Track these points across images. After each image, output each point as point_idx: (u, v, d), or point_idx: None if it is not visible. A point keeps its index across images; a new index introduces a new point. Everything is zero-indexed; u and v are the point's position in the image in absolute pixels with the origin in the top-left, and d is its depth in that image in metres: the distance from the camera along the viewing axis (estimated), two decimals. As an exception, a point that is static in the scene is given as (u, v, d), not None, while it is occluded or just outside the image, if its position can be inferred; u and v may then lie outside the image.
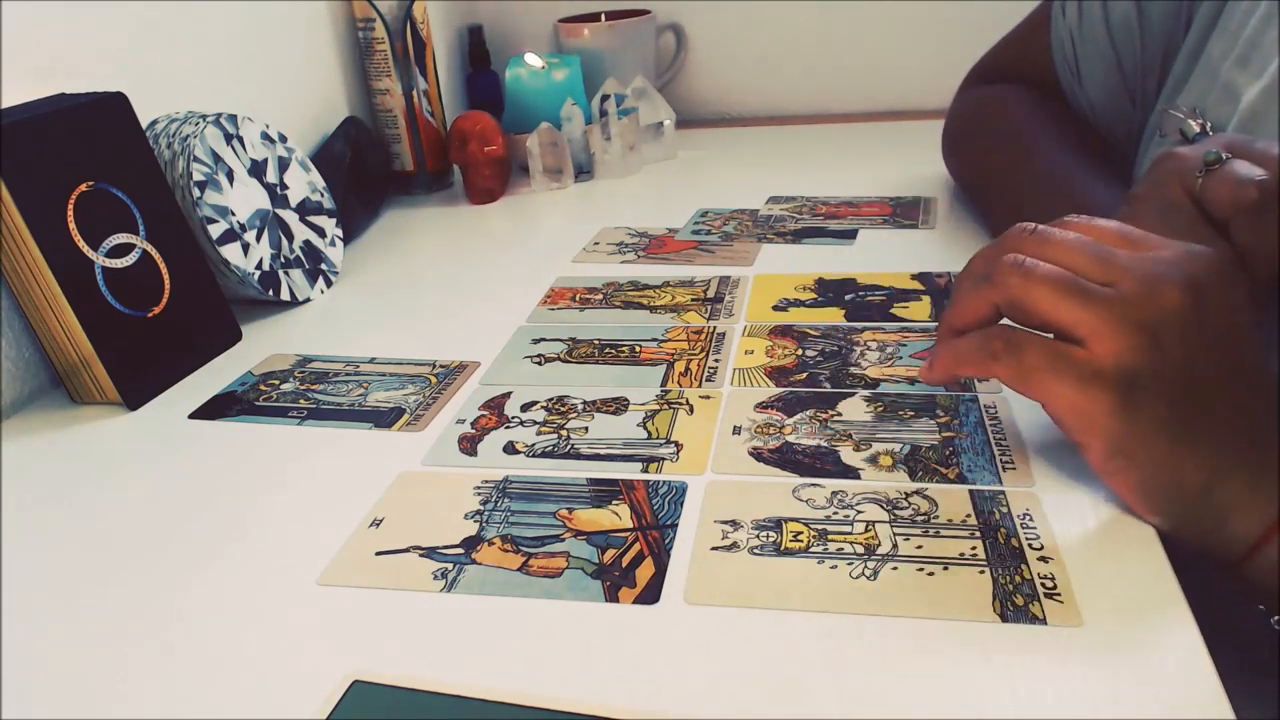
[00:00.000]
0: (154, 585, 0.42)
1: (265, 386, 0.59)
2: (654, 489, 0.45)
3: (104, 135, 0.59)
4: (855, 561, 0.39)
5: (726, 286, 0.68)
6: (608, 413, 0.53)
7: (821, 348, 0.57)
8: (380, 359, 0.62)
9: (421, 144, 0.96)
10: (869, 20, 1.13)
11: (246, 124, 0.70)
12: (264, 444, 0.53)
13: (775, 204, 0.85)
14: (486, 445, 0.50)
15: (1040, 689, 0.32)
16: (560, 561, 0.41)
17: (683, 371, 0.56)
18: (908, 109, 1.15)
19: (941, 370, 0.42)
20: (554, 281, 0.72)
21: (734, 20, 1.16)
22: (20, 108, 0.57)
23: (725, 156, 1.04)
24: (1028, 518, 0.41)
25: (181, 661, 0.37)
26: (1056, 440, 0.46)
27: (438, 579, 0.40)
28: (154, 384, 0.60)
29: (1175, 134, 0.49)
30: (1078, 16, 0.66)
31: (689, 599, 0.38)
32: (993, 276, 0.39)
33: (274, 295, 0.69)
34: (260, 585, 0.41)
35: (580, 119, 0.96)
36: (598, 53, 1.07)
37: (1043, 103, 0.70)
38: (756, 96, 1.20)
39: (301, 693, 0.35)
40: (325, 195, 0.77)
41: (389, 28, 0.91)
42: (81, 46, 0.65)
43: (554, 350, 0.60)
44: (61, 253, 0.55)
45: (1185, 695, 0.32)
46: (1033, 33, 0.72)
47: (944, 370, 0.42)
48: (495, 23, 1.20)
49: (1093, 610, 0.35)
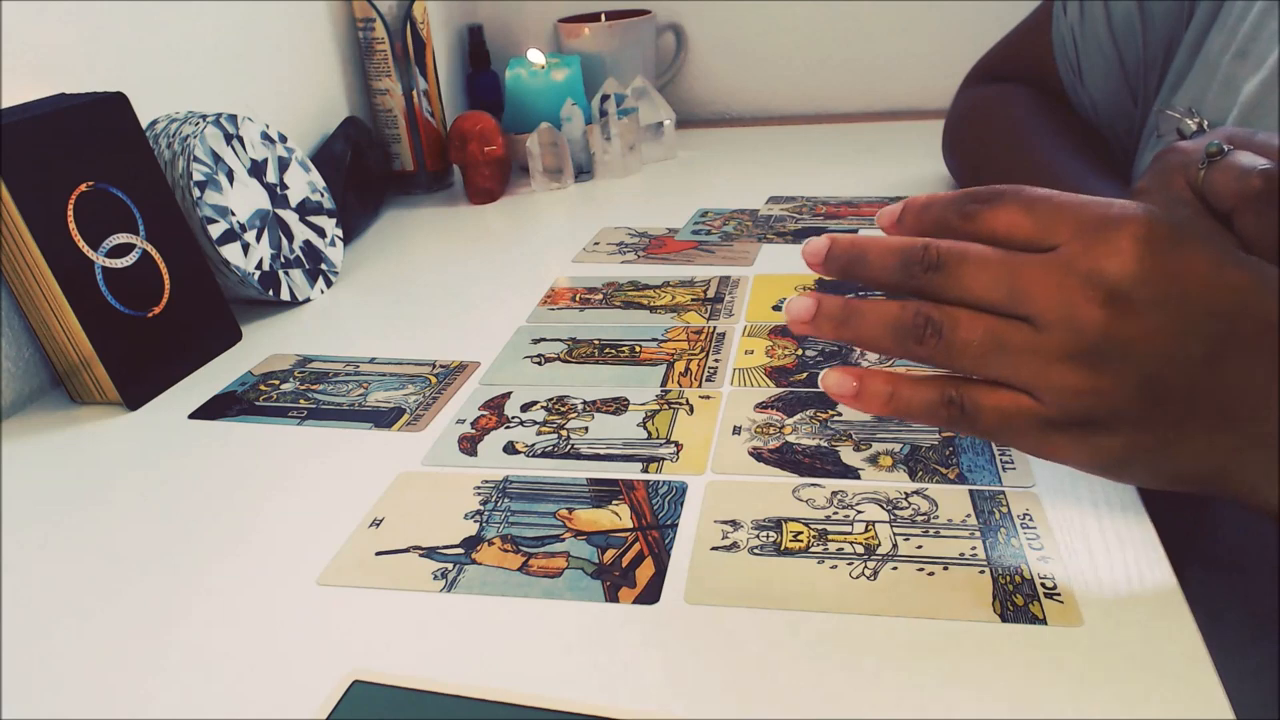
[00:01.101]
0: (154, 585, 0.42)
1: (265, 386, 0.59)
2: (654, 489, 0.45)
3: (104, 135, 0.59)
4: (855, 561, 0.39)
5: (726, 286, 0.68)
6: (608, 413, 0.53)
7: (822, 348, 0.57)
8: (380, 359, 0.62)
9: (421, 144, 0.96)
10: (869, 20, 1.13)
11: (246, 124, 0.70)
12: (264, 444, 0.53)
13: (775, 204, 0.85)
14: (486, 445, 0.50)
15: (1040, 689, 0.32)
16: (560, 561, 0.41)
17: (683, 371, 0.56)
18: (908, 109, 1.15)
19: (878, 409, 0.35)
20: (554, 281, 0.72)
21: (734, 20, 1.16)
22: (20, 108, 0.57)
23: (725, 156, 1.04)
24: (1028, 518, 0.41)
25: (181, 661, 0.37)
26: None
27: (438, 579, 0.40)
28: (154, 384, 0.60)
29: (1173, 134, 0.49)
30: (1079, 15, 0.66)
31: (689, 599, 0.38)
32: (908, 339, 0.34)
33: (274, 295, 0.69)
34: (260, 585, 0.41)
35: (580, 119, 0.96)
36: (598, 53, 1.07)
37: (1044, 101, 0.70)
38: (756, 96, 1.20)
39: (301, 693, 0.35)
40: (325, 195, 0.77)
41: (389, 28, 0.91)
42: (81, 46, 0.65)
43: (554, 350, 0.60)
44: (61, 253, 0.55)
45: (1185, 695, 0.32)
46: (1034, 32, 0.72)
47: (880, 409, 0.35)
48: (495, 23, 1.20)
49: (1093, 610, 0.35)
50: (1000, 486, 0.43)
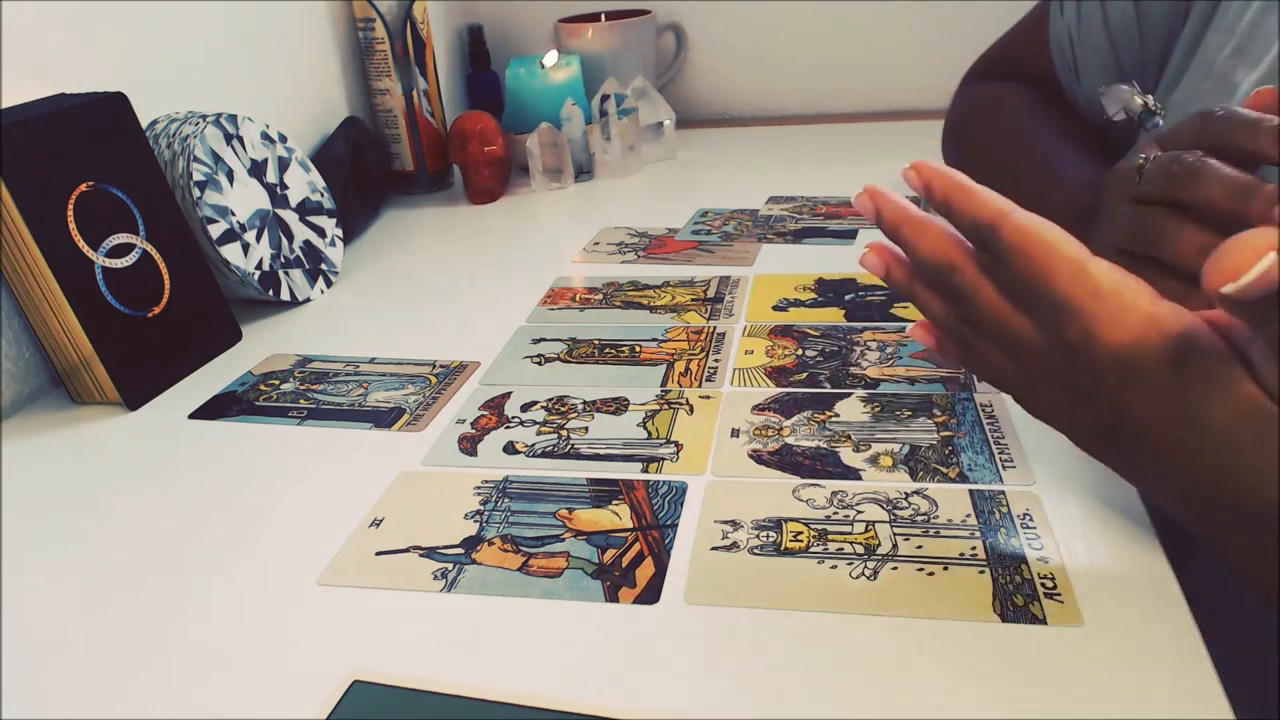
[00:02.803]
0: (153, 586, 0.42)
1: (265, 386, 0.59)
2: (654, 489, 0.45)
3: (104, 135, 0.59)
4: (855, 561, 0.39)
5: (726, 286, 0.68)
6: (608, 413, 0.53)
7: (821, 348, 0.57)
8: (380, 359, 0.62)
9: (421, 144, 0.96)
10: (869, 20, 1.13)
11: (246, 124, 0.70)
12: (264, 444, 0.53)
13: (775, 204, 0.85)
14: (486, 445, 0.50)
15: (1040, 689, 0.32)
16: (560, 561, 0.41)
17: (683, 371, 0.56)
18: (908, 109, 1.15)
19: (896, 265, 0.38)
20: (554, 281, 0.72)
21: (734, 20, 1.16)
22: (20, 108, 0.57)
23: (725, 156, 1.04)
24: (1028, 518, 0.41)
25: (181, 661, 0.37)
26: (1056, 439, 0.46)
27: (438, 579, 0.40)
28: (154, 384, 0.60)
29: (1119, 110, 0.49)
30: (1076, 15, 0.66)
31: (689, 599, 0.38)
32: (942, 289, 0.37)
33: (274, 295, 0.69)
34: (260, 585, 0.41)
35: (580, 119, 0.96)
36: (598, 53, 1.07)
37: (1041, 100, 0.70)
38: (756, 96, 1.20)
39: (301, 693, 0.35)
40: (325, 195, 0.77)
41: (389, 28, 0.91)
42: (81, 46, 0.65)
43: (554, 350, 0.60)
44: (61, 253, 0.55)
45: (1185, 695, 0.32)
46: (1031, 30, 0.73)
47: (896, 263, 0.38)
48: (495, 23, 1.20)
49: (1093, 610, 0.35)
50: (1000, 486, 0.43)
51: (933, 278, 0.37)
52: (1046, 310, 0.33)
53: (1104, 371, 0.32)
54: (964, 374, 0.53)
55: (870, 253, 0.38)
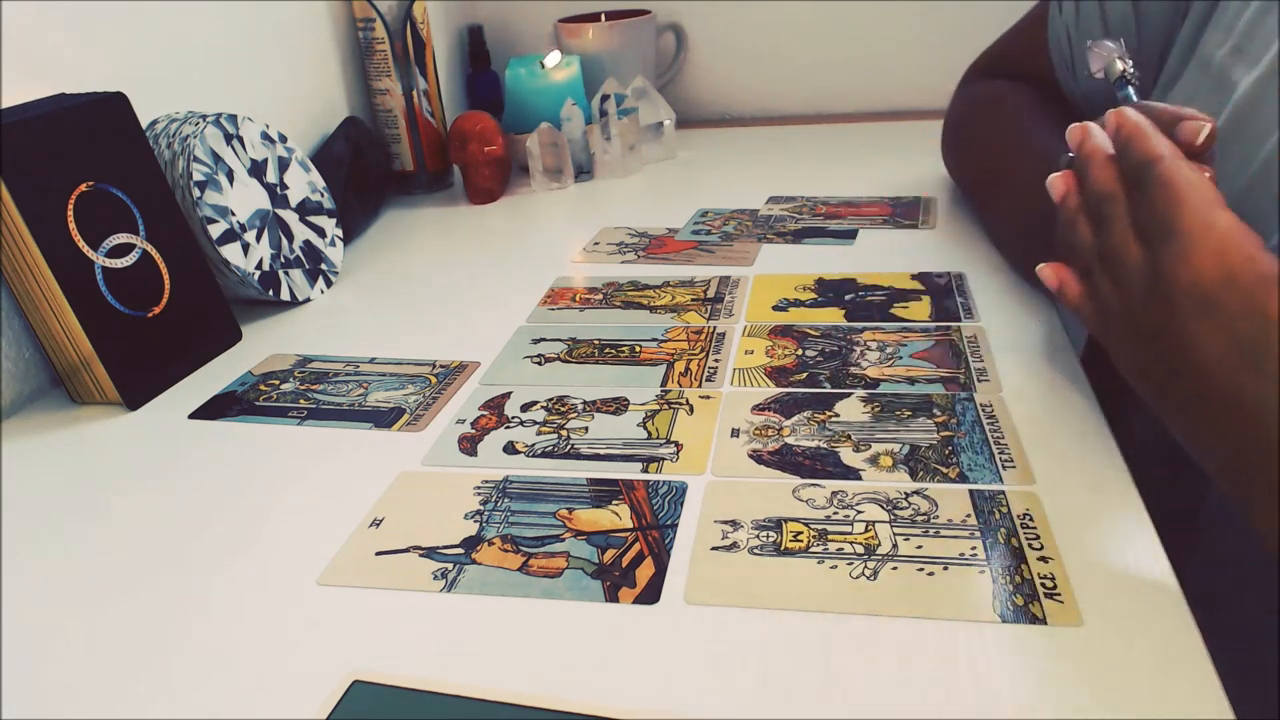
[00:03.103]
0: (153, 586, 0.42)
1: (265, 386, 0.59)
2: (654, 489, 0.45)
3: (104, 135, 0.59)
4: (855, 561, 0.39)
5: (726, 286, 0.68)
6: (608, 413, 0.53)
7: (821, 348, 0.57)
8: (380, 359, 0.62)
9: (421, 144, 0.96)
10: (869, 20, 1.13)
11: (246, 124, 0.70)
12: (264, 444, 0.53)
13: (775, 204, 0.85)
14: (486, 445, 0.50)
15: (1040, 689, 0.32)
16: (560, 561, 0.41)
17: (683, 371, 0.56)
18: (908, 109, 1.15)
19: None
20: (554, 281, 0.72)
21: (734, 20, 1.16)
22: (20, 108, 0.57)
23: (725, 156, 1.04)
24: (1028, 518, 0.41)
25: (181, 661, 0.37)
26: (1056, 439, 0.46)
27: (438, 579, 0.40)
28: (154, 384, 0.60)
29: (1100, 69, 0.52)
30: (1075, 15, 0.66)
31: (689, 599, 0.38)
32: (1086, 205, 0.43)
33: (274, 295, 0.69)
34: (260, 585, 0.41)
35: (580, 119, 0.96)
36: (598, 53, 1.07)
37: (1040, 99, 0.70)
38: (756, 96, 1.20)
39: (301, 693, 0.35)
40: (325, 195, 0.77)
41: (389, 28, 0.91)
42: (81, 46, 0.65)
43: (554, 350, 0.60)
44: (61, 253, 0.55)
45: (1185, 695, 0.32)
46: (1031, 30, 0.73)
47: None
48: (495, 23, 1.20)
49: (1093, 610, 0.35)
50: (1000, 486, 0.43)
51: (1094, 205, 0.42)
52: (1161, 236, 0.37)
53: (1182, 302, 0.35)
54: (964, 374, 0.53)
55: (1058, 178, 0.45)
